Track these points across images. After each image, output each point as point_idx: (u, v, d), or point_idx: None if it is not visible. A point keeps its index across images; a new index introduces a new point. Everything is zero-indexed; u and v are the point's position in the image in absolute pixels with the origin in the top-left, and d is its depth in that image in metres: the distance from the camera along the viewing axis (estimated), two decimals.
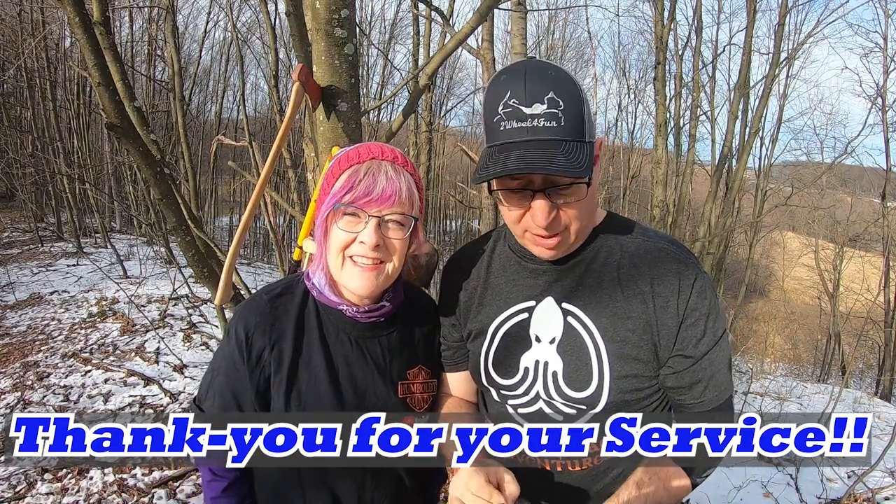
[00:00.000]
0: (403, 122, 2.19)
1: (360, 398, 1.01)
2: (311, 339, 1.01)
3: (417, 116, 11.38)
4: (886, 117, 11.41)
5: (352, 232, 0.93)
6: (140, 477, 2.94)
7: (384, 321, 1.04)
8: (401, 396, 1.05)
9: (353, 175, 0.92)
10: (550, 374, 0.94)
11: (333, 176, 0.95)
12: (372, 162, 0.93)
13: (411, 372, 1.07)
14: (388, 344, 1.05)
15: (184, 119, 7.24)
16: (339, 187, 0.92)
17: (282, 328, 1.00)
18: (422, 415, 1.07)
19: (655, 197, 10.01)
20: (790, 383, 7.31)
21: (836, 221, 14.51)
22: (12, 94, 13.73)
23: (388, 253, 0.95)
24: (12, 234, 11.07)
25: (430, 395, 1.10)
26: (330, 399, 0.99)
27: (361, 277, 0.94)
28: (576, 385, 0.93)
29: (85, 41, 2.05)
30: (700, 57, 11.71)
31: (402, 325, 1.08)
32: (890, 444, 3.32)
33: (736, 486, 3.34)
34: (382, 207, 0.92)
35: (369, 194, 0.90)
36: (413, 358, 1.09)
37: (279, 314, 1.01)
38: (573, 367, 0.93)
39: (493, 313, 1.02)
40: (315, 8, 1.66)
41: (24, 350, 4.90)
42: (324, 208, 0.94)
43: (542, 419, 0.96)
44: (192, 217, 2.75)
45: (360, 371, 1.02)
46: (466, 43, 2.73)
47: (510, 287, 1.01)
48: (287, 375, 0.99)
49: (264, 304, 1.02)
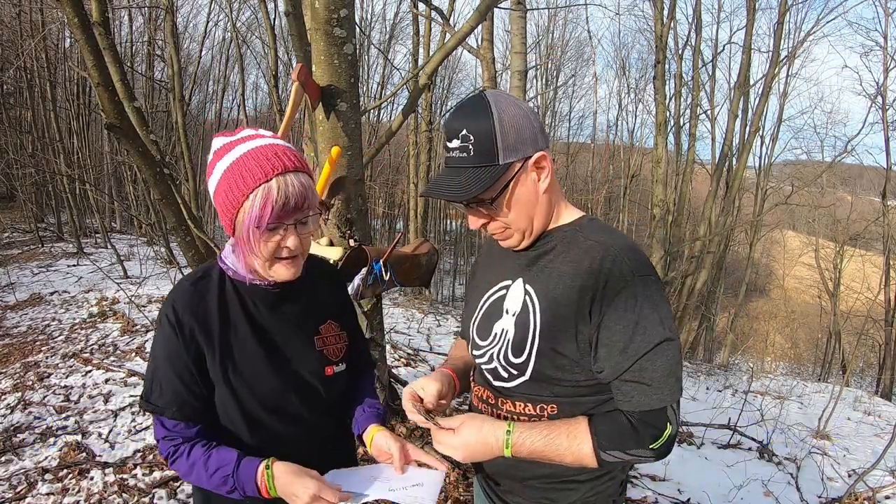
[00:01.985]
0: (403, 121, 2.19)
1: (286, 356, 1.17)
2: (234, 311, 1.14)
3: (417, 116, 11.38)
4: (886, 116, 11.42)
5: (275, 241, 1.05)
6: (140, 477, 2.94)
7: (292, 286, 1.17)
8: (318, 349, 1.21)
9: (266, 195, 1.00)
10: (505, 341, 1.14)
11: (241, 192, 1.01)
12: (278, 179, 1.01)
13: (323, 327, 1.24)
14: (299, 306, 1.21)
15: (184, 119, 7.25)
16: (258, 212, 1.01)
17: (206, 306, 1.12)
18: (338, 363, 1.24)
19: (655, 196, 10.02)
20: (790, 382, 7.31)
21: (837, 220, 14.50)
22: (12, 94, 13.75)
23: (302, 246, 1.10)
24: (12, 234, 11.08)
25: (343, 346, 1.26)
26: (262, 362, 1.13)
27: (289, 271, 1.10)
28: (516, 352, 1.12)
29: (84, 41, 2.05)
30: (700, 56, 11.71)
31: (308, 286, 1.23)
32: (890, 443, 3.32)
33: (736, 485, 3.34)
34: (298, 215, 1.05)
35: (286, 208, 1.02)
36: (322, 314, 1.25)
37: (202, 294, 1.13)
38: (518, 337, 1.11)
39: (485, 287, 1.25)
40: (314, 8, 1.65)
41: (25, 350, 4.90)
42: (245, 230, 1.03)
43: (493, 374, 1.19)
44: (192, 217, 2.75)
45: (280, 332, 1.17)
46: (466, 42, 2.73)
47: (500, 266, 1.24)
48: (219, 346, 1.11)
49: (186, 287, 1.14)
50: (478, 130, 1.04)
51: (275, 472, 1.06)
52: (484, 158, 1.05)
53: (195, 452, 1.09)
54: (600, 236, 1.09)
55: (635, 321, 0.99)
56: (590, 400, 1.10)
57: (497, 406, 1.18)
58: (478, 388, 1.25)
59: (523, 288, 1.14)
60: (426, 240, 1.79)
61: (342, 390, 1.28)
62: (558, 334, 1.06)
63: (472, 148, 1.05)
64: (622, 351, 1.00)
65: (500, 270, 1.22)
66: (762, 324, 20.86)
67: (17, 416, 3.55)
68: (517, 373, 1.12)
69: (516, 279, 1.16)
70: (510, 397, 1.15)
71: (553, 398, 1.10)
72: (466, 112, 1.06)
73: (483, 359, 1.20)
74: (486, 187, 1.05)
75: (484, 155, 1.04)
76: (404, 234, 13.96)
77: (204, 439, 1.12)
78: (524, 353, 1.10)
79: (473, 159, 1.05)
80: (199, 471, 1.09)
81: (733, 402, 4.96)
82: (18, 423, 3.46)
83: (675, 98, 11.94)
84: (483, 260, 1.35)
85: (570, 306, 1.05)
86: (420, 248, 2.00)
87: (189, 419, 1.10)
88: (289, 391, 1.16)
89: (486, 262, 1.32)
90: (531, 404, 1.12)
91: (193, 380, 1.09)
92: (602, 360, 1.03)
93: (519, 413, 1.14)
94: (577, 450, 1.04)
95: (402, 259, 1.97)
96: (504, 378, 1.15)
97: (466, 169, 1.06)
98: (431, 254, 1.88)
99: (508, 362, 1.13)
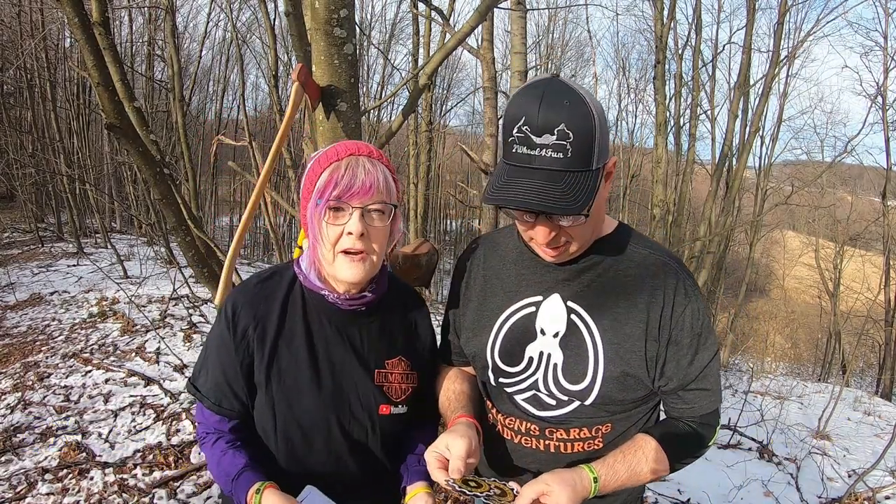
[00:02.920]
0: (403, 121, 2.19)
1: (337, 380, 1.07)
2: (294, 320, 1.07)
3: (417, 116, 11.38)
4: (886, 116, 11.41)
5: (338, 225, 0.99)
6: (140, 477, 2.94)
7: (365, 310, 1.09)
8: (377, 384, 1.10)
9: (333, 172, 0.98)
10: (551, 366, 1.02)
11: (315, 175, 1.00)
12: (350, 158, 0.99)
13: (390, 362, 1.12)
14: (368, 332, 1.11)
15: (184, 119, 7.24)
16: (322, 185, 0.98)
17: (267, 308, 1.07)
18: (398, 404, 1.11)
19: (655, 196, 10.01)
20: (790, 382, 7.30)
21: (837, 220, 14.49)
22: (12, 94, 13.74)
23: (370, 242, 1.01)
24: (12, 234, 11.08)
25: (409, 387, 1.14)
26: (308, 377, 1.06)
27: (351, 268, 1.00)
28: (572, 378, 1.01)
29: (84, 42, 2.05)
30: (700, 56, 11.70)
31: (384, 315, 1.13)
32: (890, 443, 3.32)
33: (736, 485, 3.34)
34: (364, 198, 0.98)
35: (351, 188, 0.97)
36: (392, 349, 1.13)
37: (266, 294, 1.08)
38: (572, 361, 1.01)
39: (502, 304, 1.09)
40: (314, 7, 1.65)
41: (25, 350, 4.90)
42: (311, 206, 1.00)
43: (535, 403, 1.06)
44: (192, 217, 2.75)
45: (338, 354, 1.08)
46: (466, 42, 2.73)
47: (520, 280, 1.08)
48: (269, 351, 1.05)
49: (252, 286, 1.09)
50: (579, 127, 0.85)
51: (263, 500, 0.99)
52: (582, 162, 0.87)
53: (217, 446, 1.08)
54: (647, 248, 1.03)
55: (699, 333, 0.99)
56: (640, 410, 1.07)
57: (545, 436, 1.06)
58: (510, 420, 1.10)
59: (564, 305, 1.02)
60: (426, 240, 1.79)
61: (397, 434, 1.15)
62: (627, 355, 0.98)
63: (570, 148, 0.85)
64: (690, 363, 1.00)
65: (518, 285, 1.08)
66: (762, 324, 20.84)
67: (17, 416, 3.54)
68: (573, 399, 1.02)
69: (549, 295, 1.04)
70: (562, 425, 1.04)
71: (609, 417, 1.04)
72: (562, 103, 0.85)
73: (516, 387, 1.06)
74: (592, 199, 0.87)
75: (582, 158, 0.87)
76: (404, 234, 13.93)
77: (234, 435, 1.09)
78: (585, 379, 1.00)
79: (571, 162, 0.86)
80: (213, 464, 1.08)
81: (733, 403, 4.96)
82: (18, 423, 3.46)
83: (675, 98, 11.93)
84: (482, 273, 1.15)
85: (638, 325, 0.98)
86: (420, 248, 2.00)
87: (225, 415, 1.08)
88: (330, 416, 1.06)
89: (491, 276, 1.13)
90: (587, 428, 1.04)
91: (237, 379, 1.06)
92: (669, 374, 1.00)
93: (573, 439, 1.05)
94: (655, 470, 1.00)
95: (401, 259, 1.97)
96: (551, 406, 1.04)
97: (564, 174, 0.86)
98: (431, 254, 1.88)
99: (561, 389, 1.02)
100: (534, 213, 0.91)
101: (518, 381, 1.06)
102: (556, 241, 0.95)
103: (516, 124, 0.87)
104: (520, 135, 0.87)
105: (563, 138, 0.85)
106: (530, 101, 0.86)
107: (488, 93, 5.77)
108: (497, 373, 1.08)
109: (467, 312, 1.15)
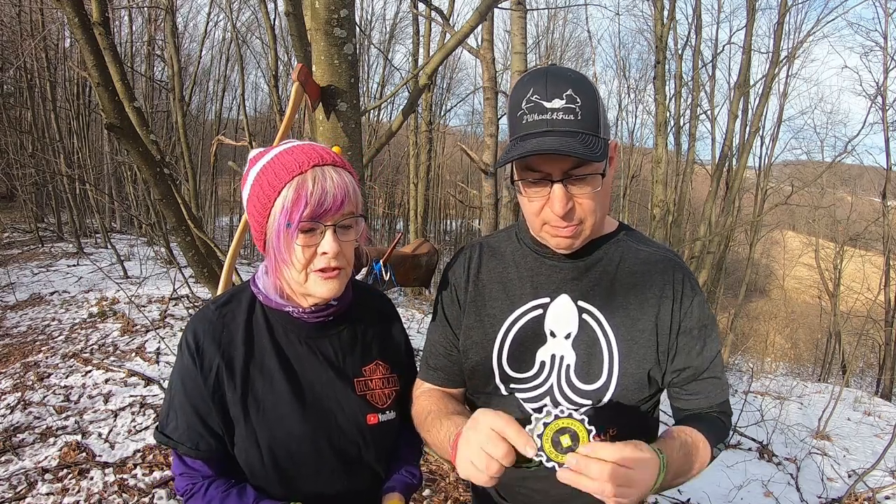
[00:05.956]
0: (403, 121, 2.19)
1: (318, 397, 1.01)
2: (261, 343, 1.00)
3: (417, 116, 11.39)
4: (886, 116, 11.41)
5: (311, 246, 0.91)
6: (140, 477, 2.94)
7: (333, 320, 1.04)
8: (359, 393, 1.04)
9: (300, 188, 0.88)
10: (564, 368, 1.00)
11: (273, 188, 0.89)
12: (315, 170, 0.89)
13: (367, 368, 1.07)
14: (339, 342, 1.05)
15: (184, 119, 7.25)
16: (290, 204, 0.88)
17: (230, 334, 0.99)
18: (385, 411, 1.06)
19: (656, 196, 10.01)
20: (790, 382, 7.31)
21: (837, 220, 14.50)
22: (12, 94, 13.75)
23: (343, 257, 0.94)
24: (12, 234, 11.08)
25: (392, 391, 1.09)
26: (287, 401, 0.99)
27: (326, 284, 0.94)
28: (586, 378, 0.99)
29: (84, 42, 2.05)
30: (700, 56, 11.71)
31: (353, 321, 1.07)
32: (890, 443, 3.32)
33: (736, 485, 3.34)
34: (336, 215, 0.91)
35: (322, 204, 0.88)
36: (367, 354, 1.08)
37: (227, 321, 1.00)
38: (585, 360, 0.99)
39: (505, 309, 1.05)
40: (314, 8, 1.65)
41: (25, 350, 4.90)
42: (277, 229, 0.90)
43: None
44: (192, 217, 2.76)
45: (313, 370, 1.02)
46: (466, 42, 2.73)
47: (523, 283, 1.05)
48: (241, 381, 0.98)
49: (211, 312, 1.01)
50: (585, 93, 0.88)
51: None
52: (591, 125, 0.88)
53: (212, 492, 0.99)
54: (649, 246, 1.06)
55: (705, 325, 1.02)
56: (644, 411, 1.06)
57: None
58: None
59: (574, 305, 1.01)
60: (426, 240, 1.79)
61: (390, 443, 1.10)
62: (641, 350, 0.98)
63: (579, 111, 0.87)
64: (700, 353, 1.02)
65: (522, 289, 1.05)
66: (762, 324, 20.84)
67: (17, 416, 3.54)
68: (587, 400, 1.00)
69: (556, 296, 1.02)
70: None
71: (617, 419, 1.01)
72: (566, 75, 0.89)
73: (528, 393, 1.03)
74: (606, 157, 0.89)
75: (591, 122, 0.88)
76: (404, 235, 13.96)
77: (223, 476, 1.01)
78: (601, 378, 0.98)
79: (582, 123, 0.87)
80: None
81: (733, 403, 4.93)
82: (18, 423, 3.46)
83: (675, 98, 11.93)
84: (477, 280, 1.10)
85: (650, 320, 0.99)
86: (420, 248, 2.00)
87: (206, 458, 0.99)
88: (317, 437, 1.00)
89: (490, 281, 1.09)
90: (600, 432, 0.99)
91: (211, 415, 0.97)
92: (680, 364, 1.02)
93: None
94: (703, 459, 0.97)
95: (401, 259, 1.97)
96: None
97: (577, 133, 0.87)
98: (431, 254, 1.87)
99: (576, 390, 1.00)
100: (550, 181, 0.89)
101: (532, 388, 1.02)
102: (571, 214, 0.92)
103: (524, 97, 0.89)
104: (529, 105, 0.89)
105: (571, 102, 0.87)
106: (536, 77, 0.90)
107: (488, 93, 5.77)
108: (507, 380, 1.04)
109: (463, 324, 1.10)
